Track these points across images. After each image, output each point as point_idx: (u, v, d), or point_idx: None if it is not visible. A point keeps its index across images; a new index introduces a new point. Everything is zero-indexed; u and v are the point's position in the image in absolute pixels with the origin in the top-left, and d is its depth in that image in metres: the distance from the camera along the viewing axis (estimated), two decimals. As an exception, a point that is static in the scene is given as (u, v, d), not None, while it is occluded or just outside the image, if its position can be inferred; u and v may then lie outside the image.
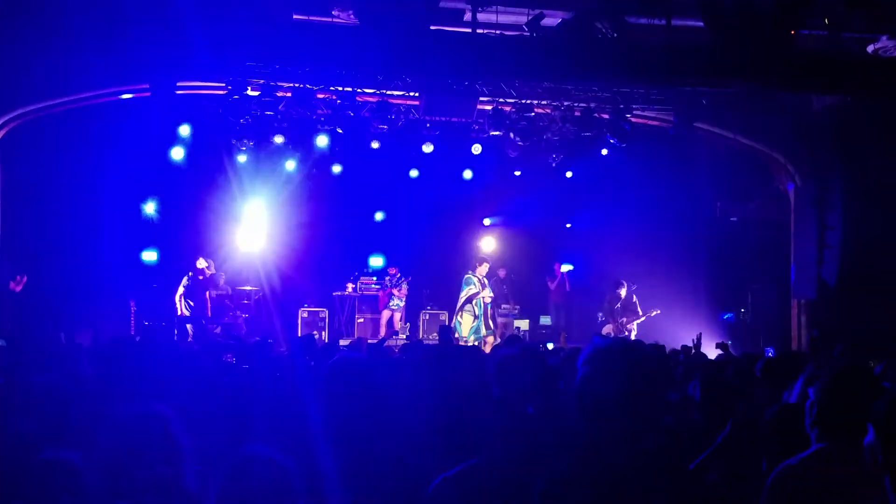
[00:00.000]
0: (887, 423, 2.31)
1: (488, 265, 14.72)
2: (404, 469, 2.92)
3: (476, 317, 14.39)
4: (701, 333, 9.12)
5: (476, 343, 13.60)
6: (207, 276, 13.95)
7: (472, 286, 14.41)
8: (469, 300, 14.44)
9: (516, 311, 15.41)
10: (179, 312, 13.84)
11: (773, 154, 14.01)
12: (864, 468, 2.41)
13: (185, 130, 13.09)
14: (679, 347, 8.67)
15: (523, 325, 15.32)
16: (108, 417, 2.79)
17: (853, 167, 12.80)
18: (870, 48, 10.60)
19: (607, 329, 14.35)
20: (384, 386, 3.13)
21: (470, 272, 14.55)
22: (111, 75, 11.53)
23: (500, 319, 15.27)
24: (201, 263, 13.90)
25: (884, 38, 10.37)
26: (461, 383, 3.17)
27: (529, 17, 10.20)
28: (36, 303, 12.08)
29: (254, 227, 15.67)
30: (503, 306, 15.41)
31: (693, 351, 8.45)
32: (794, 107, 13.07)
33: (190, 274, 13.97)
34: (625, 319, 14.53)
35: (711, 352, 9.04)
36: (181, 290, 13.93)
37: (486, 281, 14.58)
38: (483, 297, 14.42)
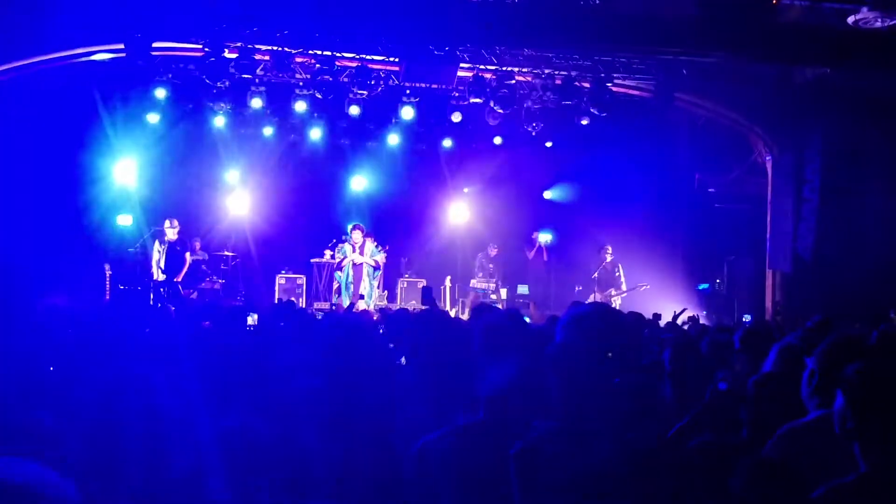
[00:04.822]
0: (857, 389, 2.34)
1: (361, 232, 14.45)
2: (388, 437, 2.93)
3: (347, 284, 14.25)
4: (685, 309, 9.17)
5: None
6: (173, 239, 13.75)
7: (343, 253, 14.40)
8: (339, 268, 14.44)
9: (492, 288, 15.34)
10: (155, 277, 13.71)
11: (751, 126, 14.04)
12: None
13: (161, 92, 12.88)
14: (651, 316, 8.67)
15: (501, 293, 15.31)
16: (87, 381, 2.75)
17: (831, 140, 12.86)
18: (850, 19, 10.58)
19: (591, 299, 14.32)
20: (374, 351, 3.14)
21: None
22: (85, 34, 11.28)
23: (470, 293, 15.24)
24: (166, 226, 13.74)
25: (864, 9, 10.34)
26: (446, 350, 3.18)
27: (512, -17, 10.12)
28: (9, 267, 11.89)
29: (231, 192, 15.56)
30: (473, 281, 15.40)
31: (667, 321, 8.47)
32: (774, 79, 13.08)
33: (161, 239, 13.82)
34: (612, 291, 14.58)
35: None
36: (155, 255, 13.80)
37: (367, 245, 14.41)
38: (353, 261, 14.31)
